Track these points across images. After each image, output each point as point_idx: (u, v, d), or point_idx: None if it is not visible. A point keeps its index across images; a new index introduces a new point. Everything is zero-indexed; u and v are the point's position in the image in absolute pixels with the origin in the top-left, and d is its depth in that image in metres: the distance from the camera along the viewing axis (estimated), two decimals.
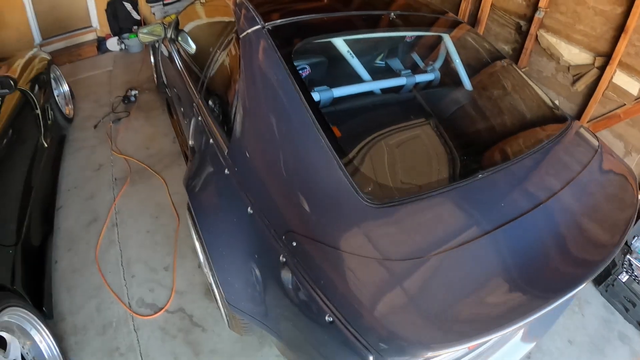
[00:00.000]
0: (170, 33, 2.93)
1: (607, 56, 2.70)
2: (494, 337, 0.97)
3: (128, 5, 5.12)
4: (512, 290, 1.08)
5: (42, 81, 3.10)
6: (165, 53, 3.05)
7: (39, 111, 2.80)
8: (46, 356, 1.79)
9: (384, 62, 2.39)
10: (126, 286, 2.22)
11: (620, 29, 2.59)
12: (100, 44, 5.12)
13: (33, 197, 2.35)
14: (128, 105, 3.89)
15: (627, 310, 2.45)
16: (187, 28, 2.76)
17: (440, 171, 1.54)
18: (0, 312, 1.52)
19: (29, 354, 1.76)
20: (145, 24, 5.26)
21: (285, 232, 1.19)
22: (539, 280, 1.13)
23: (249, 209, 1.36)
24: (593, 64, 2.83)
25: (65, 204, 2.74)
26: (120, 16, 5.11)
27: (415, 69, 2.26)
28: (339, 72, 2.02)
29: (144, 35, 2.87)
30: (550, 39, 3.05)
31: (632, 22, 2.48)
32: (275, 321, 1.33)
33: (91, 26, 5.10)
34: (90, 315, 2.10)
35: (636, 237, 2.57)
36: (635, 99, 2.62)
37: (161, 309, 2.11)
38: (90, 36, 5.10)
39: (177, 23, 2.93)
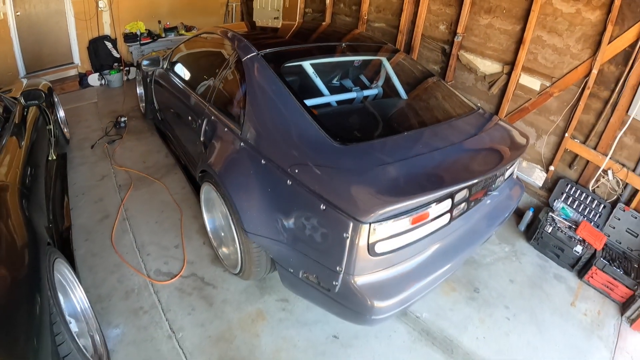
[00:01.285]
0: (166, 64, 3.53)
1: (512, 64, 3.64)
2: (414, 202, 1.63)
3: (109, 44, 5.68)
4: (418, 183, 1.76)
5: (50, 102, 3.54)
6: (161, 81, 3.62)
7: (51, 126, 3.23)
8: (79, 309, 2.03)
9: (339, 83, 3.16)
10: (143, 262, 2.66)
11: (519, 42, 3.53)
12: (82, 79, 5.59)
13: (52, 194, 2.73)
14: (119, 129, 4.37)
15: (558, 256, 3.16)
16: (183, 59, 3.38)
17: (379, 132, 2.31)
18: (54, 263, 1.79)
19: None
20: (124, 61, 5.81)
21: (290, 165, 1.87)
22: (433, 181, 1.81)
23: (262, 161, 2.04)
24: (502, 71, 3.77)
25: (76, 206, 3.15)
26: (101, 54, 5.64)
27: (363, 86, 3.06)
28: (308, 87, 2.71)
29: (147, 67, 3.47)
30: (469, 57, 4.00)
31: (528, 36, 3.44)
32: (284, 231, 1.95)
33: (73, 62, 5.58)
34: (113, 286, 2.50)
35: (557, 200, 3.41)
36: (539, 93, 3.55)
37: (176, 275, 2.58)
38: (72, 72, 5.57)
39: (171, 56, 3.54)
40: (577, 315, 2.73)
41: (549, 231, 3.15)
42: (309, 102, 2.44)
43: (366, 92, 2.86)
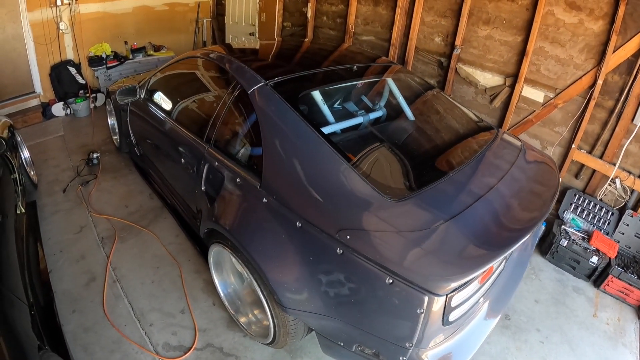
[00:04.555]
0: (144, 94, 3.11)
1: (515, 76, 3.53)
2: (490, 264, 1.44)
3: (73, 70, 5.16)
4: (488, 239, 1.58)
5: (12, 145, 3.04)
6: (138, 112, 3.20)
7: (16, 175, 2.76)
8: None
9: (340, 106, 2.82)
10: (147, 335, 2.28)
11: (522, 53, 3.44)
12: (45, 109, 5.04)
13: (26, 259, 2.31)
14: (92, 167, 3.90)
15: (574, 268, 3.15)
16: (166, 88, 2.98)
17: (424, 177, 1.97)
18: None
19: None
20: (90, 88, 5.31)
21: (337, 231, 1.56)
22: (502, 233, 1.64)
23: (297, 223, 1.69)
24: (504, 84, 3.65)
25: (54, 267, 2.71)
26: (65, 81, 5.11)
27: (367, 108, 2.73)
28: (319, 118, 2.35)
29: (122, 98, 3.03)
30: (468, 69, 3.85)
31: (530, 47, 3.34)
32: (334, 306, 1.65)
33: (34, 92, 5.01)
34: None
35: (566, 211, 3.38)
36: (542, 105, 3.47)
37: (190, 348, 2.21)
38: (34, 102, 5.01)
39: (148, 85, 3.13)
40: (600, 326, 2.74)
41: (564, 245, 3.14)
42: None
43: (372, 115, 2.57)
